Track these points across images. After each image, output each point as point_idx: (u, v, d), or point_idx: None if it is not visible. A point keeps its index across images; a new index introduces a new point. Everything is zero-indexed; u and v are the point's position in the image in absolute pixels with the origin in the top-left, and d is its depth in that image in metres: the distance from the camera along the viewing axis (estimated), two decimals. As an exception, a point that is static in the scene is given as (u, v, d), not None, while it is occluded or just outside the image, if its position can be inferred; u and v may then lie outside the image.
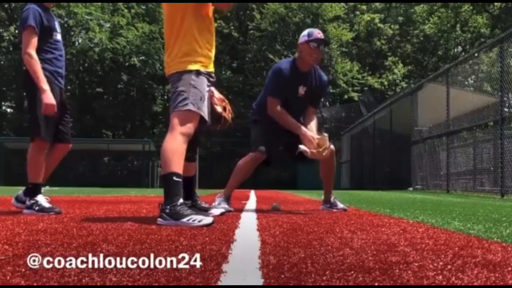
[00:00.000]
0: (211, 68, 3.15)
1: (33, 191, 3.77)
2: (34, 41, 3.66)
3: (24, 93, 3.94)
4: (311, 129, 4.05)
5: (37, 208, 3.67)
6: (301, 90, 4.14)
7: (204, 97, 3.06)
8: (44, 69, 3.70)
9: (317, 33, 4.09)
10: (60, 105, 3.79)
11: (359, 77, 30.33)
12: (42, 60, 3.70)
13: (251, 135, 4.35)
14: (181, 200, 2.83)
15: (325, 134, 3.98)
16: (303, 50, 4.07)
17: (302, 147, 3.87)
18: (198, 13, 3.06)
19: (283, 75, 4.09)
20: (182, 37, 3.02)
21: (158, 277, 1.37)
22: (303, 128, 4.00)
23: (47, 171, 3.96)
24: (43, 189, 3.94)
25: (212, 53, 3.16)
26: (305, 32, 4.13)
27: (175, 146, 2.91)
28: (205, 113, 3.11)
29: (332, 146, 4.21)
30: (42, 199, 3.74)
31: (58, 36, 3.87)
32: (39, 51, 3.69)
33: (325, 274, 1.41)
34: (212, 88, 3.56)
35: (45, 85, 3.63)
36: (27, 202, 3.77)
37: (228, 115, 3.61)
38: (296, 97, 4.13)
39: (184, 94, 2.96)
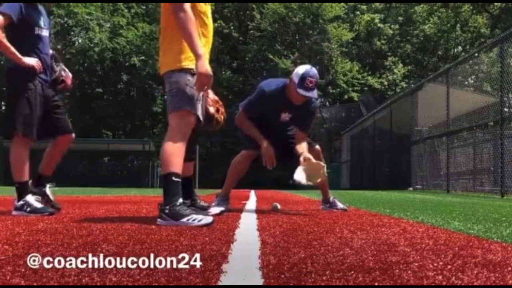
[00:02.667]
0: None
1: (21, 191, 3.61)
2: (3, 23, 3.55)
3: (7, 90, 3.81)
4: (302, 150, 3.95)
5: (28, 209, 3.53)
6: (284, 116, 4.05)
7: (200, 96, 3.05)
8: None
9: (309, 81, 3.79)
10: (43, 100, 3.71)
11: (359, 77, 30.33)
12: (22, 54, 3.62)
13: (240, 134, 4.30)
14: (180, 200, 2.83)
15: (322, 164, 3.89)
16: (291, 88, 3.88)
17: (297, 177, 3.79)
18: (193, 12, 3.03)
19: (266, 99, 3.97)
20: (177, 35, 2.95)
21: (158, 277, 1.37)
22: (265, 143, 3.96)
23: (50, 165, 3.88)
24: (48, 185, 3.84)
25: (207, 52, 3.13)
26: (300, 71, 3.83)
27: (174, 146, 2.90)
28: (200, 113, 3.11)
29: (317, 146, 4.22)
30: (32, 199, 3.59)
31: (42, 32, 3.78)
32: (19, 45, 3.61)
33: (325, 274, 1.41)
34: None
35: (18, 55, 3.57)
36: (16, 203, 3.61)
37: (220, 116, 3.60)
38: (277, 121, 4.07)
39: (180, 94, 2.94)
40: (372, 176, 20.26)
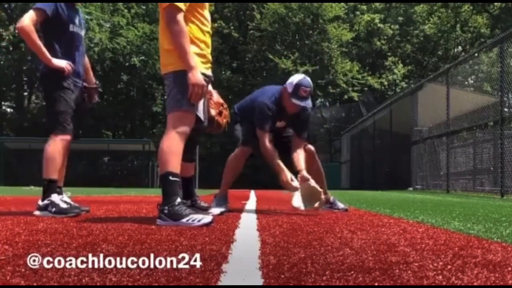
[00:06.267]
0: (207, 69, 3.11)
1: (47, 188, 3.50)
2: (36, 19, 3.53)
3: (42, 91, 3.78)
4: (300, 166, 3.94)
5: (53, 209, 3.40)
6: (280, 124, 4.11)
7: None
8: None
9: (303, 91, 3.86)
10: (76, 100, 3.70)
11: (359, 77, 30.31)
12: (55, 54, 3.59)
13: (234, 132, 4.31)
14: (178, 200, 2.82)
15: (319, 189, 3.85)
16: (285, 97, 3.94)
17: (295, 204, 3.78)
18: (194, 13, 3.04)
19: (269, 110, 3.98)
20: None
21: (158, 277, 1.37)
22: (285, 174, 3.91)
23: (60, 174, 3.74)
24: (65, 195, 3.76)
25: (208, 53, 3.13)
26: (294, 81, 3.90)
27: (171, 146, 2.90)
28: (201, 113, 3.10)
29: (310, 146, 4.22)
30: (57, 199, 3.48)
31: (78, 30, 3.77)
32: (55, 40, 3.60)
33: (325, 274, 1.41)
34: (213, 91, 3.57)
35: (48, 55, 3.54)
36: (40, 203, 3.48)
37: (222, 119, 3.59)
38: (273, 129, 4.09)
39: (180, 94, 2.94)
40: (372, 176, 20.26)
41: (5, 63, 31.16)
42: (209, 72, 3.13)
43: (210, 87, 3.38)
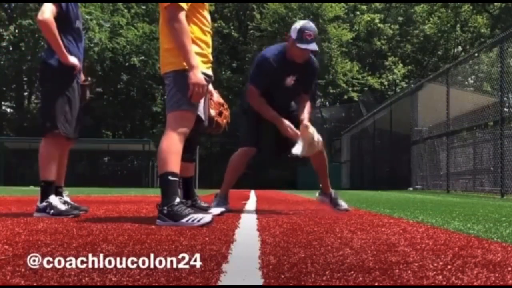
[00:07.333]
0: (208, 68, 3.11)
1: (45, 190, 3.44)
2: (54, 11, 3.42)
3: (40, 85, 3.62)
4: (304, 119, 3.90)
5: (52, 211, 3.35)
6: (289, 80, 3.94)
7: None
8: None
9: (307, 34, 3.74)
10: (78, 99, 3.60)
11: (359, 77, 30.34)
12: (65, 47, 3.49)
13: (241, 130, 4.26)
14: (177, 200, 2.81)
15: (309, 126, 3.83)
16: (291, 46, 3.82)
17: (294, 151, 3.77)
18: (195, 13, 3.04)
19: (268, 65, 3.87)
20: None
21: (158, 277, 1.37)
22: (284, 121, 3.85)
23: (59, 174, 3.69)
24: (65, 194, 3.73)
25: (209, 52, 3.13)
26: (297, 26, 3.78)
27: (170, 145, 2.89)
28: (201, 112, 3.10)
29: (319, 137, 4.20)
30: (56, 201, 3.43)
31: (80, 26, 3.69)
32: (63, 36, 3.49)
33: (325, 274, 1.41)
34: (213, 91, 3.57)
35: (65, 51, 3.46)
36: (38, 204, 3.43)
37: (222, 120, 3.58)
38: (283, 88, 3.95)
39: (180, 93, 2.94)
40: (372, 176, 20.26)
41: (5, 63, 31.13)
42: (209, 72, 3.13)
43: (210, 87, 3.38)
